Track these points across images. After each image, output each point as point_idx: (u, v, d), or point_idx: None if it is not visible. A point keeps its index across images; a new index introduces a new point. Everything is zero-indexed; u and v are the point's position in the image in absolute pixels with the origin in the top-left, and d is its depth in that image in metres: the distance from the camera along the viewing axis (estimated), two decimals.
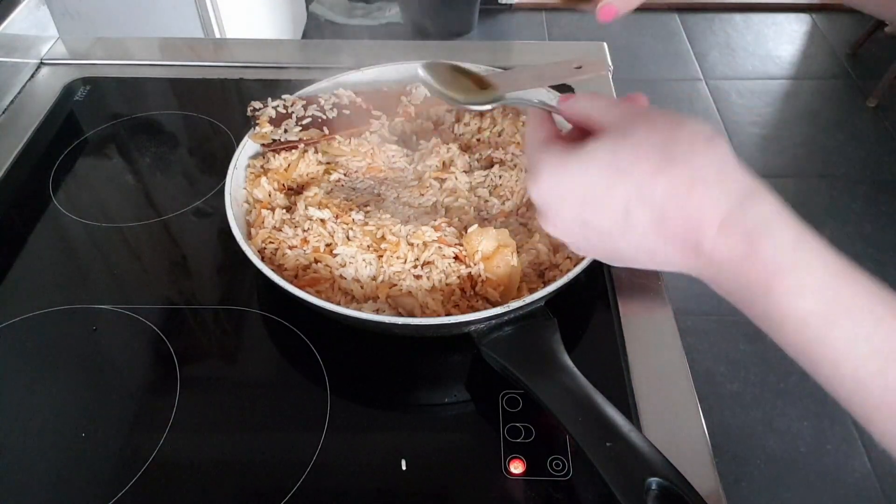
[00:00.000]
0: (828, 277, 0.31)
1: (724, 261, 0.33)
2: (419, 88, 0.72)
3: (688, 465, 0.43)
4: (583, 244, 0.40)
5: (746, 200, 0.33)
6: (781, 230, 0.32)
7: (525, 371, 0.49)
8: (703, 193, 0.33)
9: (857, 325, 0.30)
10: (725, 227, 0.33)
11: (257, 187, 0.63)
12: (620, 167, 0.35)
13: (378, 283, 0.55)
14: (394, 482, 0.50)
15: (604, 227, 0.37)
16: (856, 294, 0.31)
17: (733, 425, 1.48)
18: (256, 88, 0.82)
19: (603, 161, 0.36)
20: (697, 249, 0.34)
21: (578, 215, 0.38)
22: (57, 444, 0.52)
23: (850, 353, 0.30)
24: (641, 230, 0.35)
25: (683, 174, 0.33)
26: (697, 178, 0.33)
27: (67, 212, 0.71)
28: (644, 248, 0.36)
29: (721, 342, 1.61)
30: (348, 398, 0.55)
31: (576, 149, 0.37)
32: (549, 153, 0.38)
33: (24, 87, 0.86)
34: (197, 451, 0.52)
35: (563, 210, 0.38)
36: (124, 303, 0.62)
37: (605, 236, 0.38)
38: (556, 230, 0.40)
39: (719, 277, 0.34)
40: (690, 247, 0.34)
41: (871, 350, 0.30)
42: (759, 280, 0.32)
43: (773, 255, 0.32)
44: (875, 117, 2.23)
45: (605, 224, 0.37)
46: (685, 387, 0.55)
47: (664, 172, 0.34)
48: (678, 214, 0.34)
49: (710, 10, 2.75)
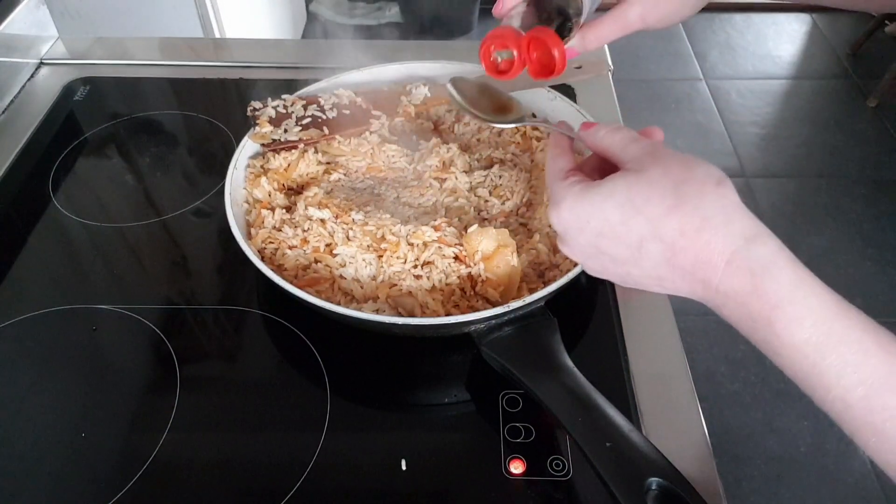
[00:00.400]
0: (822, 311, 0.35)
1: (729, 294, 0.37)
2: (419, 88, 0.72)
3: (688, 465, 0.43)
4: (597, 268, 0.44)
5: (751, 242, 0.37)
6: (781, 269, 0.36)
7: (525, 371, 0.49)
8: (711, 234, 0.37)
9: (847, 356, 0.34)
10: (731, 265, 0.37)
11: (257, 187, 0.63)
12: (635, 204, 0.39)
13: (378, 283, 0.55)
14: (394, 482, 0.50)
15: (618, 256, 0.41)
16: (847, 327, 0.35)
17: (733, 425, 1.48)
18: (256, 88, 0.82)
19: (619, 198, 0.40)
20: (705, 283, 0.38)
21: (594, 244, 0.42)
22: (57, 444, 0.52)
23: (840, 380, 0.34)
24: (653, 262, 0.40)
25: (693, 215, 0.37)
26: (706, 219, 0.37)
27: (67, 212, 0.71)
28: (654, 276, 0.41)
29: (721, 342, 1.61)
30: (348, 398, 0.55)
31: (594, 185, 0.41)
32: (571, 186, 0.42)
33: (24, 87, 0.86)
34: (197, 451, 0.52)
35: (581, 238, 0.43)
36: (124, 303, 0.62)
37: (619, 263, 0.42)
38: (572, 254, 0.45)
39: (724, 308, 0.38)
40: (698, 280, 0.38)
41: (859, 379, 0.34)
42: (762, 313, 0.36)
43: (774, 291, 0.36)
44: (875, 117, 2.23)
45: (620, 254, 0.41)
46: (685, 387, 0.55)
47: (676, 212, 0.38)
48: (687, 252, 0.38)
49: (710, 9, 2.74)
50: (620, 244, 0.40)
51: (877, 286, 1.74)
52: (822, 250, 1.83)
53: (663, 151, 0.41)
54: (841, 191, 1.99)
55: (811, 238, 1.86)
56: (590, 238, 0.42)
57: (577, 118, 0.67)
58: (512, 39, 0.51)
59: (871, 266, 1.79)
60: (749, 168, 2.05)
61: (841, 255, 1.81)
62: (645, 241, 0.39)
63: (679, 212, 0.38)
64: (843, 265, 1.79)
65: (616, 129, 0.44)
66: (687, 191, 0.38)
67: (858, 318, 0.35)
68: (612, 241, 0.41)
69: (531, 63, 0.51)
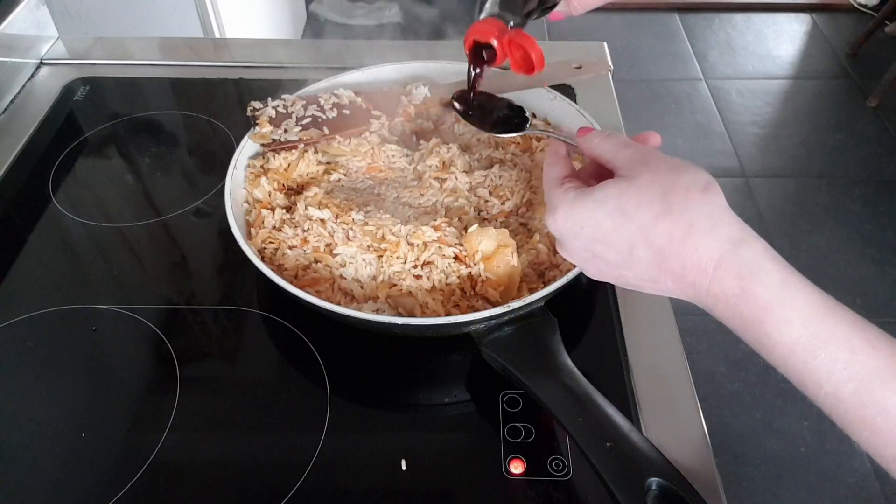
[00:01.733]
0: (810, 311, 0.36)
1: (719, 297, 0.38)
2: (419, 88, 0.72)
3: (688, 465, 0.43)
4: (594, 271, 0.46)
5: (737, 246, 0.38)
6: (769, 272, 0.37)
7: (525, 371, 0.49)
8: (698, 240, 0.38)
9: (836, 354, 0.35)
10: (720, 269, 0.38)
11: (257, 187, 0.63)
12: (626, 211, 0.40)
13: (378, 283, 0.55)
14: (394, 482, 0.50)
15: (611, 260, 0.43)
16: (836, 325, 0.35)
17: (733, 425, 1.48)
18: (256, 88, 0.82)
19: (610, 205, 0.41)
20: (695, 287, 0.39)
21: (590, 249, 0.44)
22: (57, 444, 0.52)
23: (831, 377, 0.35)
24: (644, 266, 0.41)
25: (681, 221, 0.39)
26: (693, 225, 0.38)
27: (67, 212, 0.71)
28: (647, 279, 0.42)
29: (721, 342, 1.61)
30: (348, 398, 0.55)
31: (587, 192, 0.43)
32: (565, 193, 0.44)
33: (24, 87, 0.86)
34: (197, 451, 0.52)
35: (577, 243, 0.44)
36: (124, 303, 0.62)
37: (614, 267, 0.43)
38: (570, 258, 0.47)
39: (715, 310, 0.39)
40: (689, 284, 0.39)
41: (849, 375, 0.34)
42: (752, 315, 0.37)
43: (762, 294, 0.37)
44: (875, 117, 2.23)
45: (613, 258, 0.42)
46: (685, 387, 0.55)
47: (664, 219, 0.39)
48: (677, 257, 0.39)
49: (710, 10, 2.75)
50: (613, 249, 0.42)
51: (876, 286, 1.74)
52: (822, 250, 1.82)
53: (654, 157, 0.42)
54: (841, 191, 1.99)
55: (811, 238, 1.86)
56: (585, 243, 0.43)
57: (577, 118, 0.67)
58: (493, 33, 0.52)
59: (871, 266, 1.79)
60: (749, 168, 2.05)
61: (841, 255, 1.81)
62: (636, 246, 0.40)
63: (667, 219, 0.39)
64: (843, 265, 1.79)
65: (608, 136, 0.45)
66: (674, 198, 0.39)
67: (846, 315, 0.36)
68: (605, 247, 0.42)
69: (512, 58, 0.54)
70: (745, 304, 0.37)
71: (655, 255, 0.40)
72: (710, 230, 0.38)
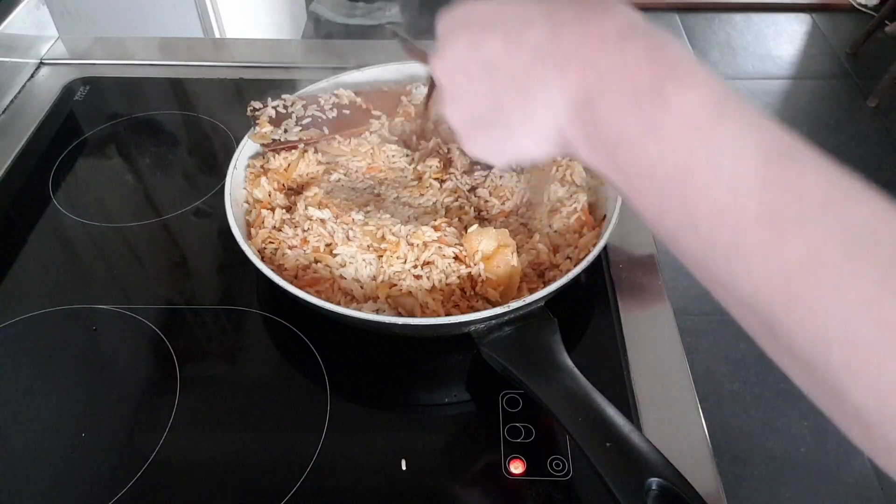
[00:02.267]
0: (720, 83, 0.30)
1: (614, 68, 0.31)
2: (419, 88, 0.72)
3: (688, 465, 0.43)
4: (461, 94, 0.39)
5: (650, 23, 0.32)
6: (680, 46, 0.31)
7: (525, 371, 0.49)
8: (610, 15, 0.32)
9: (746, 119, 0.29)
10: (624, 39, 0.31)
11: (257, 187, 0.63)
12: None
13: (378, 283, 0.55)
14: (394, 482, 0.50)
15: (491, 54, 0.35)
16: (744, 100, 0.30)
17: (733, 425, 1.48)
18: (256, 88, 0.82)
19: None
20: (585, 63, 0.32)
21: (471, 39, 0.36)
22: (57, 444, 0.52)
23: (736, 150, 0.28)
24: (528, 52, 0.34)
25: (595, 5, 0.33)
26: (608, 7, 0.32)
27: (67, 212, 0.71)
28: (524, 82, 0.35)
29: (721, 342, 1.61)
30: (348, 398, 0.55)
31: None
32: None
33: (24, 87, 0.86)
34: (197, 451, 0.52)
35: (460, 38, 0.37)
36: (124, 303, 0.62)
37: (488, 70, 0.36)
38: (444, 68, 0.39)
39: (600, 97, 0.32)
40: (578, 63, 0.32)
41: (756, 143, 0.28)
42: (653, 82, 0.30)
43: (671, 57, 0.30)
44: (875, 117, 2.23)
45: (495, 48, 0.35)
46: (685, 387, 0.55)
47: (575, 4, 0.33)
48: (576, 31, 0.32)
49: (710, 9, 2.75)
50: (500, 30, 0.35)
51: None
52: None
53: None
54: None
55: None
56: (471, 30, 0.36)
57: None
58: None
59: None
60: None
61: None
62: (532, 23, 0.34)
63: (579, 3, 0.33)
64: None
65: None
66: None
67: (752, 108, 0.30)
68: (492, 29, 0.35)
69: None
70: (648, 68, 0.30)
71: (551, 31, 0.33)
72: (623, 11, 0.32)
